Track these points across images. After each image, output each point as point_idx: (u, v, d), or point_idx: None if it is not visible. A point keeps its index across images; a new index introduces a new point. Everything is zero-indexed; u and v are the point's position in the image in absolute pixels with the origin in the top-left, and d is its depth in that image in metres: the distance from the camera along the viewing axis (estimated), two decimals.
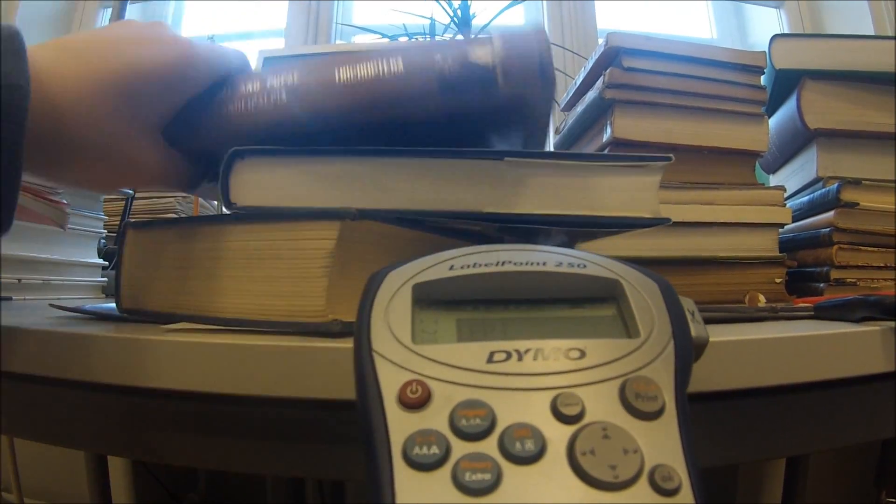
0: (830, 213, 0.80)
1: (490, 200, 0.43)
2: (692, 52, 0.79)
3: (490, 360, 0.27)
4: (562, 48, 1.79)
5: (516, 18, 2.03)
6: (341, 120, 0.44)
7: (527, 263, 0.32)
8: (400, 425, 0.25)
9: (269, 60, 0.77)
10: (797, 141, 0.92)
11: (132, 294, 0.49)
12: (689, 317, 0.30)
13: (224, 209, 0.43)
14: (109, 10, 2.13)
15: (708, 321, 0.45)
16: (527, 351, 0.27)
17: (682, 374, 0.27)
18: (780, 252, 0.80)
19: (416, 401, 0.25)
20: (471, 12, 1.60)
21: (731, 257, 0.77)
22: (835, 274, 0.78)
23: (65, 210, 0.76)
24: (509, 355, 0.27)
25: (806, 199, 0.88)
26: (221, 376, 0.37)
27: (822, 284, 0.80)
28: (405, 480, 0.23)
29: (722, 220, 0.78)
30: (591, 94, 0.81)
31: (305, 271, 0.40)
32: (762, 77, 0.82)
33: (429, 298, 0.31)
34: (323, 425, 0.40)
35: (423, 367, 0.27)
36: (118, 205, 1.16)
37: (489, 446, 0.24)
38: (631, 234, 0.53)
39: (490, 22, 1.59)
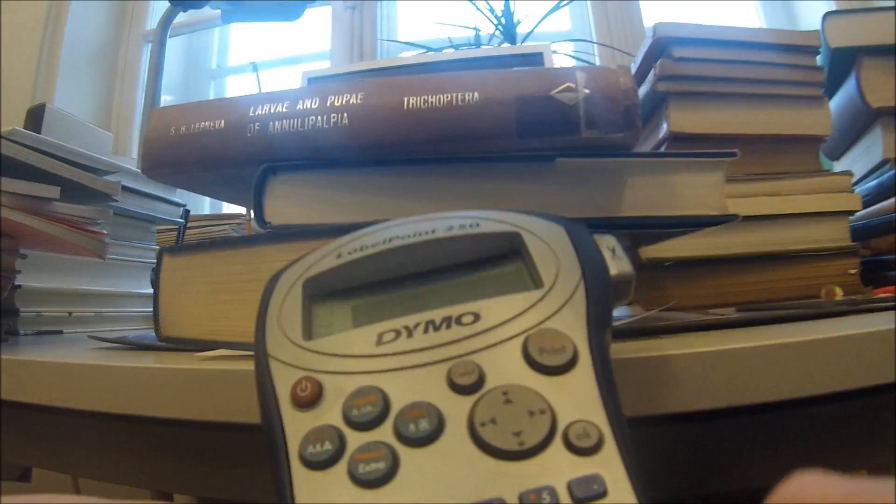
0: None
1: (545, 206, 0.41)
2: (743, 37, 0.75)
3: (379, 342, 0.26)
4: (610, 48, 1.75)
5: (562, 22, 2.00)
6: (403, 150, 0.42)
7: (415, 235, 0.30)
8: (295, 426, 0.24)
9: (314, 80, 0.75)
10: (859, 123, 0.87)
11: (170, 322, 0.47)
12: (606, 254, 0.28)
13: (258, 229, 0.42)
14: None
15: (786, 319, 0.42)
16: (416, 325, 0.26)
17: (598, 317, 0.25)
18: (852, 241, 0.75)
19: (306, 399, 0.24)
20: (515, 19, 1.58)
21: (802, 250, 0.73)
22: None
23: (103, 240, 0.75)
24: (398, 333, 0.26)
25: (874, 183, 0.83)
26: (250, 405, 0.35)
27: None
28: (303, 481, 0.22)
29: (789, 212, 0.73)
30: (642, 89, 0.77)
31: None
32: (817, 58, 0.78)
33: (323, 292, 0.30)
34: None
35: (313, 362, 0.26)
36: (171, 235, 1.15)
37: (384, 433, 0.23)
38: (694, 234, 0.49)
39: (536, 26, 1.56)
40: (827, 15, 0.85)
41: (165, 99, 2.18)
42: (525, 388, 0.23)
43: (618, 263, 0.28)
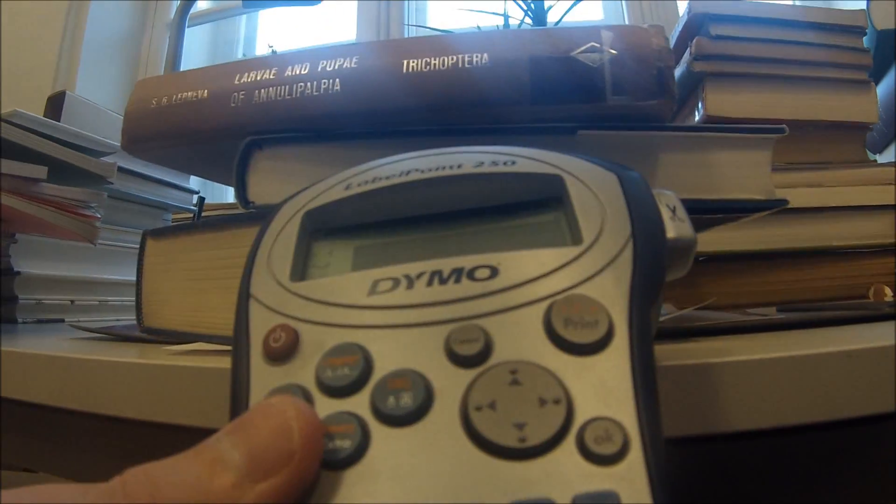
0: None
1: None
2: (785, 14, 0.70)
3: (373, 291, 0.22)
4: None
5: (594, 11, 1.96)
6: (402, 120, 0.37)
7: (437, 169, 0.25)
8: (262, 381, 0.20)
9: None
10: None
11: (152, 311, 0.43)
12: (665, 213, 0.24)
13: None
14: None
15: (837, 322, 0.37)
16: (419, 275, 0.22)
17: (645, 287, 0.20)
18: None
19: (278, 350, 0.21)
20: (545, 6, 1.53)
21: (847, 246, 0.68)
22: None
23: (94, 224, 0.72)
24: (396, 283, 0.22)
25: None
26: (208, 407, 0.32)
27: None
28: None
29: (833, 204, 0.69)
30: (678, 70, 0.73)
31: None
32: (864, 39, 0.73)
33: (326, 227, 0.26)
34: None
35: (294, 308, 0.22)
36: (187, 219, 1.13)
37: (359, 403, 0.19)
38: (732, 225, 0.44)
39: (566, 13, 1.52)
40: None
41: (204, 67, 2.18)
42: (539, 368, 0.19)
43: (677, 226, 0.24)
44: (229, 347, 0.36)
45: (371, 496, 0.17)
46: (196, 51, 2.24)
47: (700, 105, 0.68)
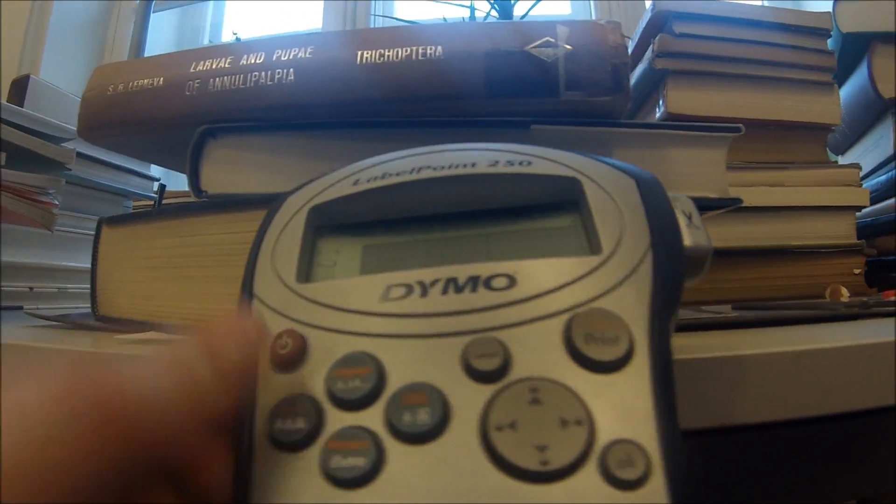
0: None
1: None
2: (750, 14, 0.70)
3: (385, 297, 0.21)
4: None
5: (562, 7, 1.96)
6: (356, 111, 0.37)
7: (450, 167, 0.25)
8: (268, 390, 0.20)
9: None
10: (869, 114, 0.83)
11: (107, 299, 0.43)
12: (681, 220, 0.23)
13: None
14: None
15: (793, 321, 0.37)
16: (434, 282, 0.21)
17: (664, 302, 0.20)
18: (858, 239, 0.71)
19: (285, 358, 0.20)
20: (512, 0, 1.53)
21: (805, 246, 0.68)
22: None
23: (51, 211, 0.70)
24: (410, 290, 0.21)
25: (883, 178, 0.79)
26: None
27: None
28: (264, 461, 0.18)
29: (792, 204, 0.69)
30: (640, 68, 0.73)
31: None
32: (828, 42, 0.73)
33: (332, 224, 0.25)
34: None
35: (302, 312, 0.21)
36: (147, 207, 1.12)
37: (372, 417, 0.18)
38: None
39: (533, 6, 1.52)
40: None
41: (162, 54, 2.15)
42: (560, 387, 0.18)
43: (694, 234, 0.23)
44: (182, 337, 0.35)
45: None
46: (162, 37, 2.22)
47: (661, 102, 0.68)
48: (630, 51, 0.77)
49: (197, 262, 0.37)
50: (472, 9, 1.56)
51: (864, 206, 0.72)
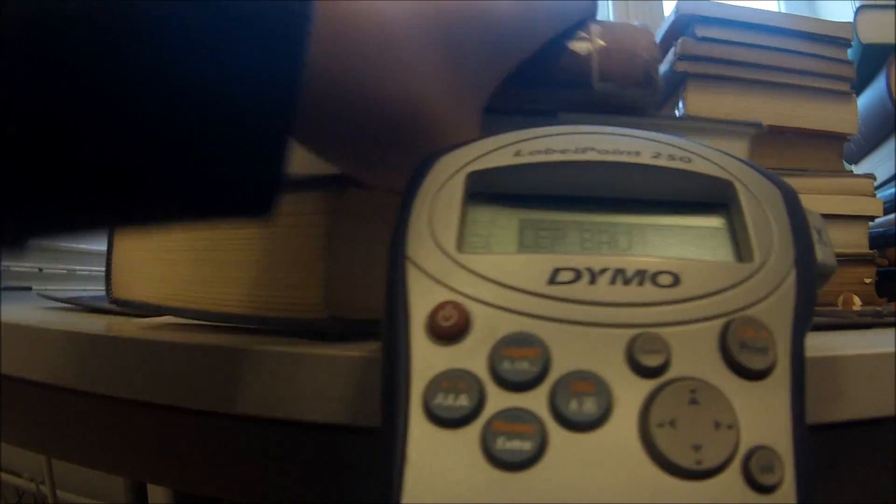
0: None
1: None
2: (772, 21, 0.71)
3: (553, 280, 0.20)
4: None
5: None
6: None
7: (615, 152, 0.24)
8: (426, 361, 0.19)
9: None
10: (885, 125, 0.83)
11: (122, 282, 0.42)
12: (815, 236, 0.23)
13: None
14: None
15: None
16: (602, 271, 0.21)
17: (803, 316, 0.20)
18: (870, 248, 0.71)
19: (448, 330, 0.19)
20: None
21: None
22: None
23: None
24: (579, 275, 0.21)
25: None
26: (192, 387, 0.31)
27: None
28: (420, 437, 0.18)
29: None
30: (661, 70, 0.73)
31: (299, 254, 0.32)
32: (849, 52, 0.73)
33: (487, 192, 0.24)
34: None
35: (465, 284, 0.21)
36: None
37: (536, 400, 0.18)
38: None
39: None
40: (861, 8, 0.81)
41: None
42: (716, 391, 0.19)
43: (824, 251, 0.23)
44: (201, 322, 0.35)
45: (547, 499, 0.17)
46: None
47: (681, 104, 0.68)
48: None
49: (213, 246, 0.36)
50: None
51: (878, 217, 0.72)
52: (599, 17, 0.38)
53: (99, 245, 0.84)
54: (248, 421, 0.30)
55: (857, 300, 0.63)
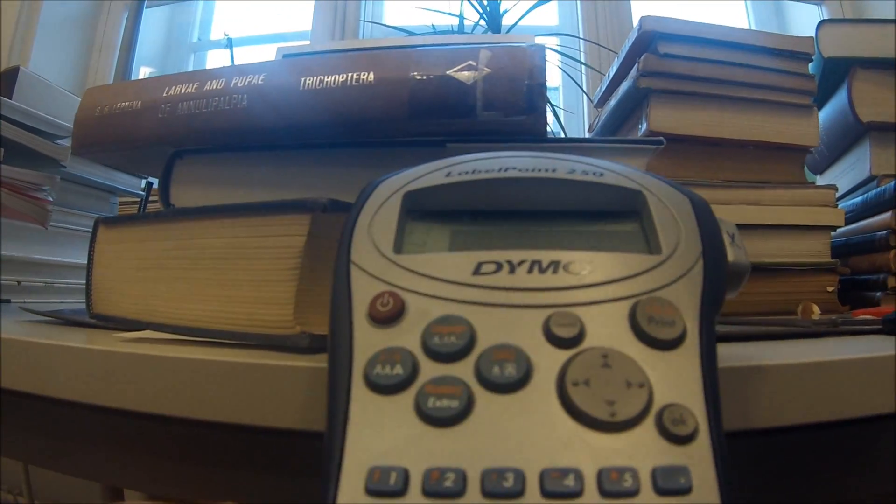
0: (887, 215, 0.72)
1: None
2: (734, 37, 0.72)
3: (477, 271, 0.24)
4: (596, 44, 1.73)
5: (550, 17, 1.97)
6: (300, 134, 0.40)
7: (534, 170, 0.28)
8: (366, 341, 0.22)
9: (288, 57, 0.73)
10: (848, 137, 0.85)
11: (102, 298, 0.44)
12: (726, 239, 0.26)
13: None
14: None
15: (762, 336, 0.39)
16: (521, 263, 0.24)
17: (711, 300, 0.23)
18: (832, 258, 0.73)
19: (386, 314, 0.23)
20: (501, 10, 1.54)
21: (780, 263, 0.70)
22: (892, 282, 0.71)
23: (46, 208, 0.71)
24: (500, 266, 0.24)
25: (859, 199, 0.80)
26: (147, 394, 0.33)
27: (877, 294, 0.72)
28: (361, 403, 0.21)
29: (769, 222, 0.71)
30: (625, 85, 0.75)
31: (271, 273, 0.34)
32: (810, 66, 0.75)
33: (423, 208, 0.28)
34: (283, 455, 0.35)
35: (400, 278, 0.24)
36: (134, 209, 1.11)
37: (463, 369, 0.21)
38: None
39: (521, 18, 1.53)
40: (822, 23, 0.83)
41: (144, 70, 2.15)
42: (626, 357, 0.21)
43: (736, 251, 0.26)
44: (178, 336, 0.37)
45: (475, 451, 0.19)
46: (151, 30, 2.22)
47: (644, 120, 0.70)
48: (615, 68, 0.80)
49: (191, 265, 0.38)
50: (462, 17, 1.57)
51: (840, 226, 0.74)
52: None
53: (77, 258, 0.85)
54: (221, 427, 0.32)
55: (816, 309, 0.64)
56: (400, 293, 0.23)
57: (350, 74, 0.39)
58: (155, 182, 0.77)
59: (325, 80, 0.39)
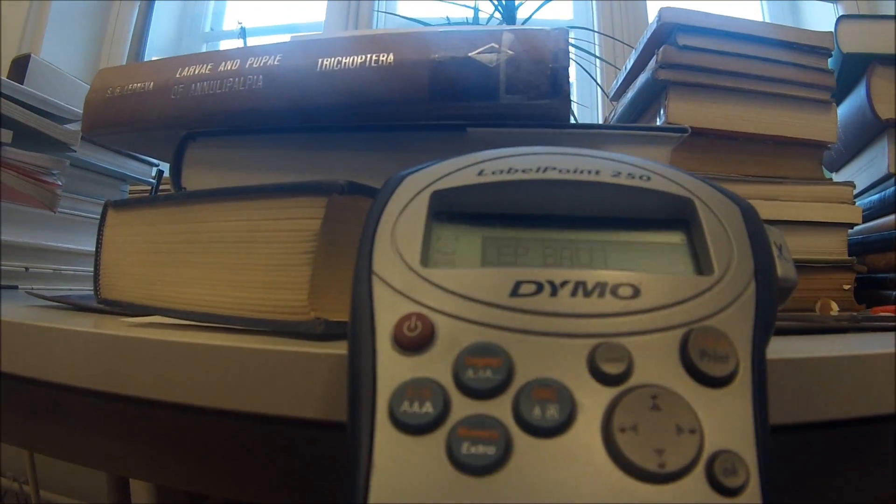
0: None
1: None
2: (754, 31, 0.71)
3: (515, 292, 0.21)
4: (611, 38, 1.71)
5: (565, 11, 1.96)
6: (316, 116, 0.39)
7: (576, 171, 0.25)
8: (391, 370, 0.20)
9: None
10: (865, 134, 0.84)
11: (110, 282, 0.43)
12: (774, 251, 0.24)
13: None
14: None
15: (783, 332, 0.38)
16: (563, 283, 0.21)
17: (763, 327, 0.21)
18: (849, 255, 0.72)
19: (413, 340, 0.20)
20: (516, 2, 1.53)
21: (797, 260, 0.68)
22: None
23: (55, 192, 0.71)
24: (540, 287, 0.21)
25: (876, 197, 0.80)
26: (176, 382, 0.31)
27: (893, 293, 0.71)
28: (387, 444, 0.19)
29: (786, 218, 0.70)
30: (642, 77, 0.73)
31: (285, 258, 0.33)
32: (829, 61, 0.74)
33: (451, 210, 0.25)
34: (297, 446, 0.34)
35: (429, 296, 0.21)
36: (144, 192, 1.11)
37: (500, 408, 0.19)
38: None
39: (536, 11, 1.52)
40: (841, 18, 0.82)
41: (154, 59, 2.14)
42: (676, 396, 0.19)
43: (784, 266, 0.24)
44: (186, 322, 0.36)
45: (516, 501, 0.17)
46: (163, 20, 2.21)
47: (662, 112, 0.69)
48: (633, 60, 0.78)
49: (201, 249, 0.37)
50: (476, 10, 1.56)
51: (857, 224, 0.73)
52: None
53: (85, 245, 0.84)
54: (229, 416, 0.31)
55: (834, 306, 0.64)
56: (429, 315, 0.21)
57: (369, 56, 0.38)
58: (166, 170, 0.77)
59: (343, 61, 0.38)
